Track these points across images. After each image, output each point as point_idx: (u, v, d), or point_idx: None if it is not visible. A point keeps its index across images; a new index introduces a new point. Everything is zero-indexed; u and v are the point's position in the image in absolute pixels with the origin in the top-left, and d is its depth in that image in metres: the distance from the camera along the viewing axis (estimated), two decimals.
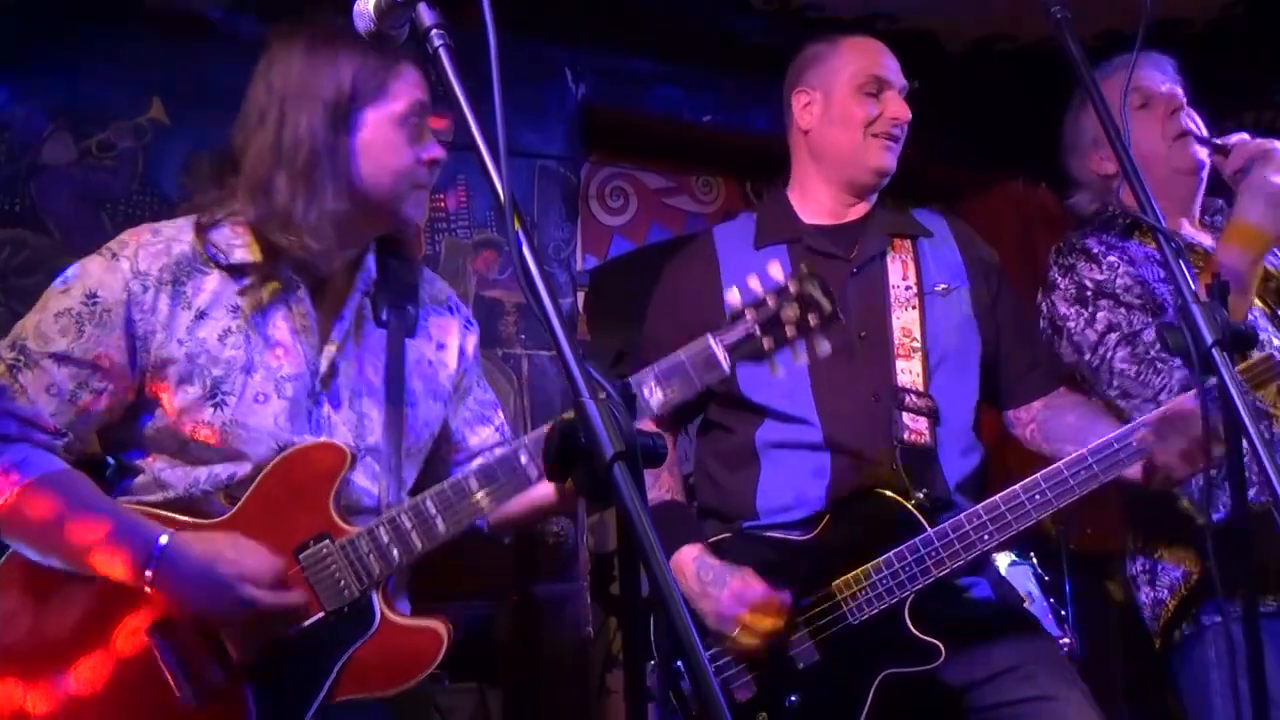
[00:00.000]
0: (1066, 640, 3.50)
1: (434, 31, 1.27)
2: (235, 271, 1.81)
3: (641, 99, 4.20)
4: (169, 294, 1.77)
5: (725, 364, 1.71)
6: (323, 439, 1.81)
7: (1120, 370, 2.22)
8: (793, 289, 1.70)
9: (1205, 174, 2.39)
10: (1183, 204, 2.40)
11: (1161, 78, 2.42)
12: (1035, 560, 3.65)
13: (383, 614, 1.76)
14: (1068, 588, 3.76)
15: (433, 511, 1.76)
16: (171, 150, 3.33)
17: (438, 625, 1.78)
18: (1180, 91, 2.42)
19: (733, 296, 1.71)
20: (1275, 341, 2.20)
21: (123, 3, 3.33)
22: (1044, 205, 4.71)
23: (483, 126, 1.25)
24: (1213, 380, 1.49)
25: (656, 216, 4.65)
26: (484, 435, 2.12)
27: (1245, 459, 1.46)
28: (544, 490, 1.90)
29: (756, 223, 2.40)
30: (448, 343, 2.04)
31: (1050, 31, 1.84)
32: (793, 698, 2.08)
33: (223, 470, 1.77)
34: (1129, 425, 1.99)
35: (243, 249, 1.81)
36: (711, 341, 1.72)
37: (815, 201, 2.36)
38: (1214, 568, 1.66)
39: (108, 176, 3.28)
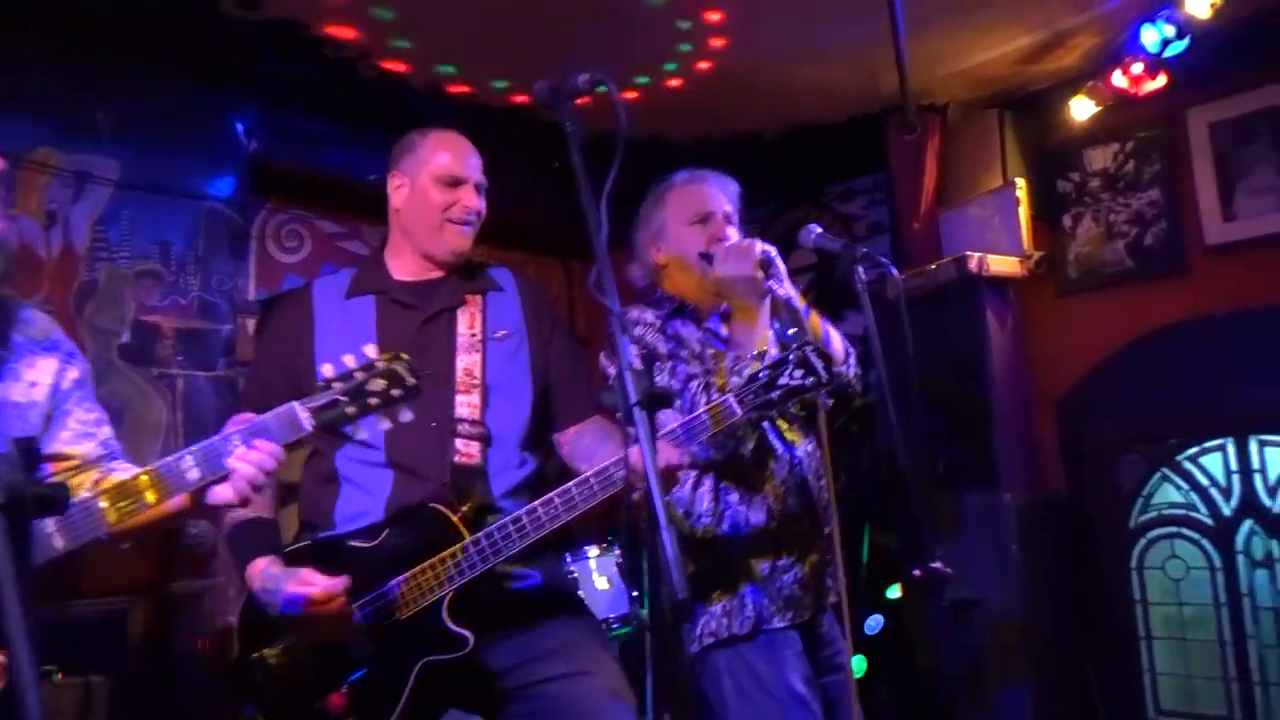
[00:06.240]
0: (639, 614, 3.61)
1: None
2: None
3: (314, 156, 4.09)
4: None
5: (307, 425, 1.69)
6: None
7: None
8: (380, 365, 1.69)
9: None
10: (717, 300, 2.46)
11: (724, 199, 2.49)
12: (618, 550, 3.78)
13: None
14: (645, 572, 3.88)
15: (50, 530, 1.61)
16: None
17: None
18: (732, 212, 2.47)
19: (326, 369, 1.70)
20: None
21: None
22: None
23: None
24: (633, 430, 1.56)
25: (330, 257, 4.50)
26: (87, 449, 1.97)
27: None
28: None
29: (353, 276, 2.35)
30: (39, 380, 1.89)
31: (648, 129, 1.83)
32: (349, 683, 2.01)
33: None
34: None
35: None
36: (297, 407, 1.69)
37: (403, 264, 2.33)
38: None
39: None
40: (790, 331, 2.26)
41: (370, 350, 1.71)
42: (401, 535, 2.08)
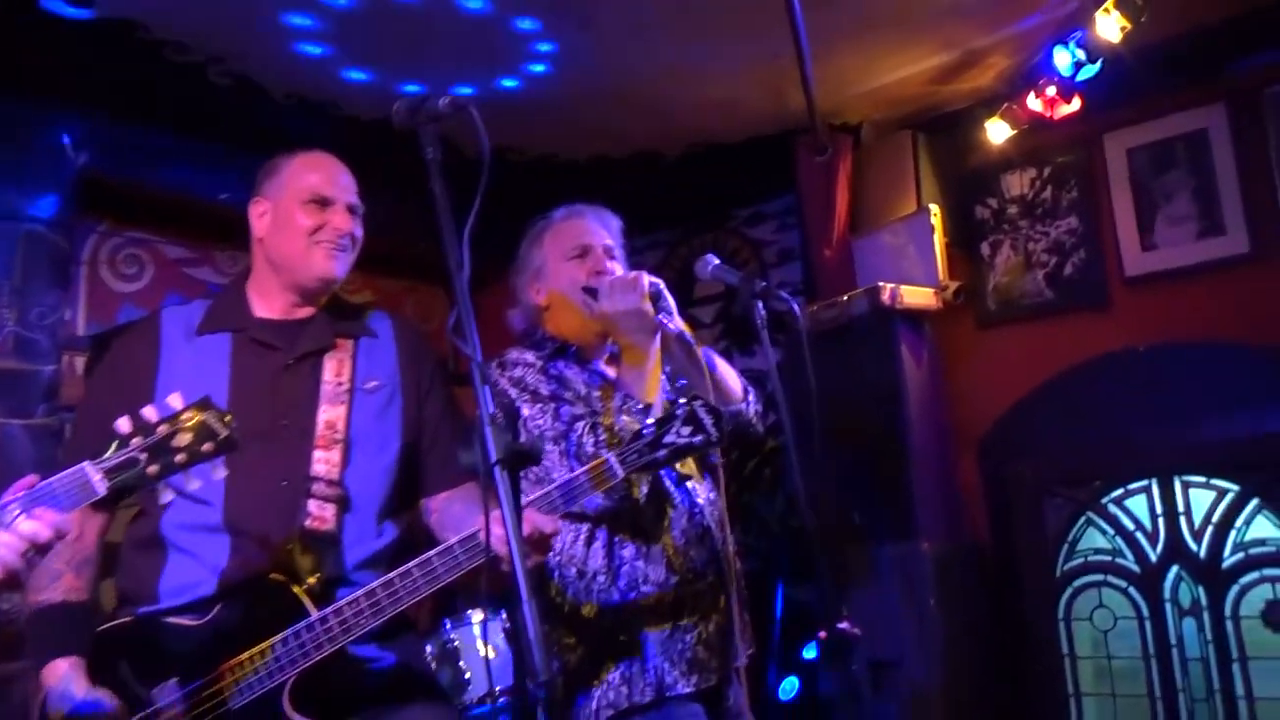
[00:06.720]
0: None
1: None
2: None
3: (156, 173, 3.83)
4: None
5: (100, 488, 1.55)
6: None
7: None
8: (187, 416, 1.59)
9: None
10: (602, 341, 2.43)
11: (604, 233, 2.46)
12: (505, 615, 3.59)
13: None
14: None
15: None
16: None
17: None
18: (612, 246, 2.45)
19: (122, 424, 1.56)
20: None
21: None
22: None
23: None
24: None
25: (175, 285, 4.21)
26: None
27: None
28: None
29: (207, 310, 2.18)
30: None
31: (538, 147, 1.71)
32: None
33: None
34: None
35: None
36: (88, 468, 1.56)
37: (268, 300, 2.19)
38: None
39: None
40: (681, 382, 2.20)
41: (175, 400, 1.60)
42: (236, 611, 1.93)
